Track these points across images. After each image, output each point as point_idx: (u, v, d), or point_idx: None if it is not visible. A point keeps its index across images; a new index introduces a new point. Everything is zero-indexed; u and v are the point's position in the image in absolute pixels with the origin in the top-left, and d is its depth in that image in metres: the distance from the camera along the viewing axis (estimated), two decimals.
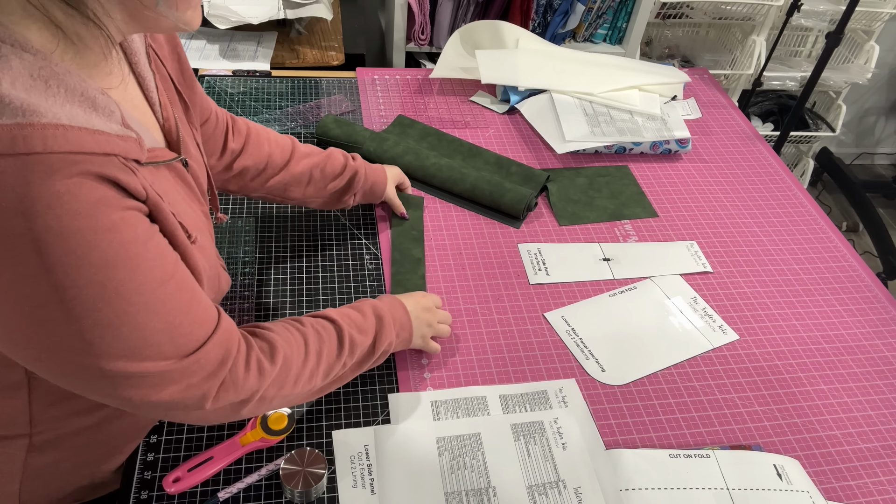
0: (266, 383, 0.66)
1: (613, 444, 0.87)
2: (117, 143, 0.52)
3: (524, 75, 1.44)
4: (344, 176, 1.03)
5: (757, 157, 1.43)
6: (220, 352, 0.62)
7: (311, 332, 0.74)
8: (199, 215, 0.71)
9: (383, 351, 0.82)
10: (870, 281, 1.16)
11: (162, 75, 0.71)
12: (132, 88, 0.65)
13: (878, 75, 2.75)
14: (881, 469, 0.89)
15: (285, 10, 1.63)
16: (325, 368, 0.74)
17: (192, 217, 0.66)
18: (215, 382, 0.62)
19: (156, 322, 0.56)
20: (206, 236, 0.71)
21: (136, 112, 0.63)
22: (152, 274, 0.55)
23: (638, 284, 1.10)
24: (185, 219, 0.63)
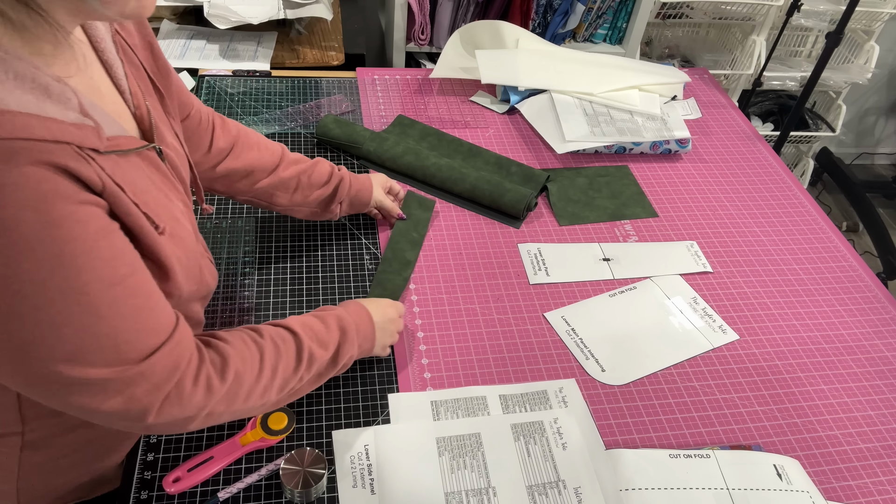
0: (213, 401, 0.64)
1: (613, 444, 0.87)
2: (71, 131, 0.50)
3: (524, 75, 1.44)
4: (330, 184, 1.01)
5: (757, 157, 1.43)
6: (169, 364, 0.59)
7: (268, 344, 0.71)
8: (177, 205, 0.69)
9: (343, 365, 0.80)
10: (870, 281, 1.16)
11: (132, 63, 0.69)
12: (99, 76, 0.63)
13: (878, 75, 2.75)
14: (881, 469, 0.89)
15: (285, 10, 1.63)
16: (280, 383, 0.71)
17: (165, 207, 0.64)
18: (158, 396, 0.59)
19: (100, 326, 0.53)
20: (184, 226, 0.68)
21: (103, 100, 0.62)
22: (100, 274, 0.53)
23: (638, 284, 1.10)
24: (155, 209, 0.61)
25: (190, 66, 1.58)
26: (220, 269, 1.03)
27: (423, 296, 1.03)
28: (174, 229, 0.64)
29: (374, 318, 0.85)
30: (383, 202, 1.11)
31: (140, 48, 0.72)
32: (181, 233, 0.66)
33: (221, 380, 0.64)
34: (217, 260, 1.04)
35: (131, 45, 0.70)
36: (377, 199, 1.09)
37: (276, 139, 1.28)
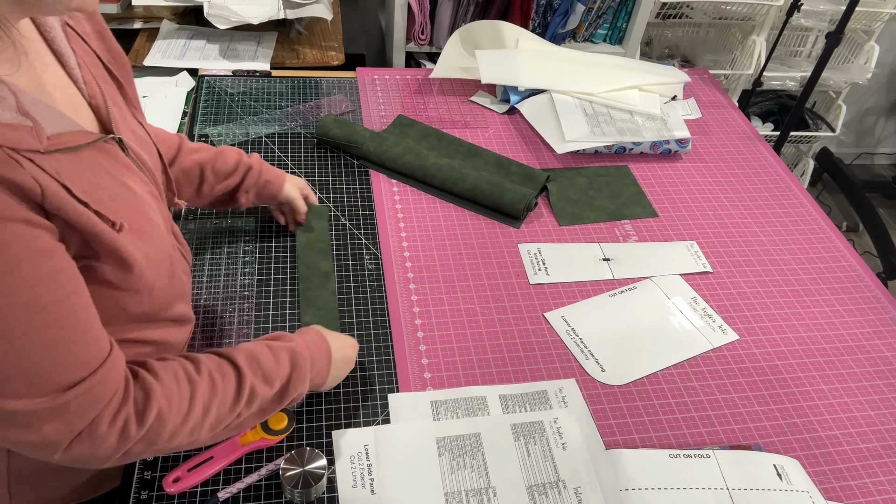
0: (128, 445, 0.60)
1: (613, 444, 0.87)
2: (2, 133, 0.48)
3: (524, 75, 1.44)
4: (237, 173, 0.97)
5: (757, 157, 1.43)
6: (86, 401, 0.55)
7: (203, 381, 0.66)
8: (142, 197, 0.66)
9: (291, 400, 0.75)
10: (870, 281, 1.16)
11: (85, 53, 0.67)
12: (52, 69, 0.62)
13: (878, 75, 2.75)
14: (881, 469, 0.89)
15: (285, 10, 1.63)
16: (212, 422, 0.66)
17: (126, 201, 0.62)
18: (69, 434, 0.55)
19: (10, 356, 0.50)
20: (151, 219, 0.66)
21: (55, 94, 0.60)
22: (17, 300, 0.49)
23: (638, 284, 1.10)
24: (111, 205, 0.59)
25: (190, 66, 1.58)
26: (220, 269, 1.03)
27: (423, 296, 1.03)
28: (137, 223, 0.62)
29: (333, 356, 0.80)
30: (294, 199, 1.05)
31: (92, 37, 0.70)
32: (146, 226, 0.64)
33: (140, 424, 0.60)
34: (217, 260, 1.04)
35: (82, 33, 0.68)
36: (288, 193, 1.04)
37: (277, 139, 1.28)
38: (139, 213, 0.64)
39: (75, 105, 0.63)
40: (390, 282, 1.04)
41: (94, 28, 0.71)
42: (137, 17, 1.67)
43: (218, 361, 0.69)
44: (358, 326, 0.97)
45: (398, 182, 1.23)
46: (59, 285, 0.53)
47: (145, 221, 0.64)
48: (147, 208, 0.66)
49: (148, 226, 0.65)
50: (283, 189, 1.03)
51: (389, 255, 1.09)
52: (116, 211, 0.59)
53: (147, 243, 0.63)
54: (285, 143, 1.28)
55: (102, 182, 0.60)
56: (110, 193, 0.60)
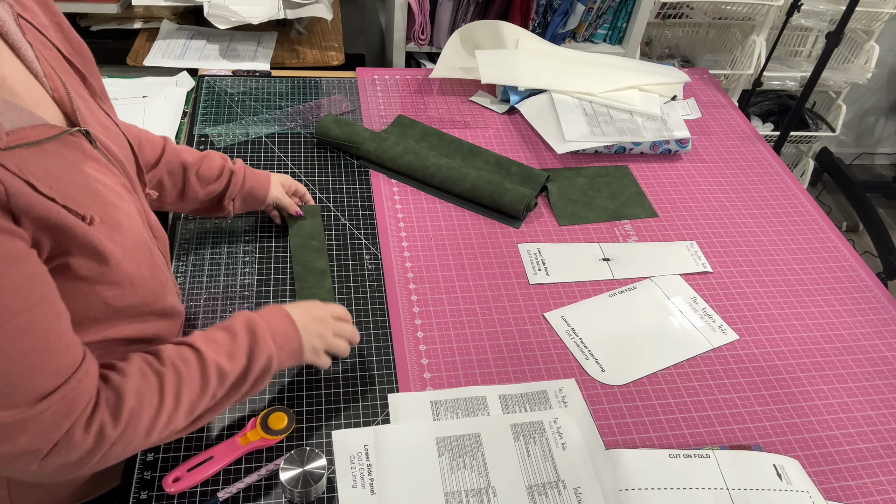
0: (106, 447, 0.59)
1: (613, 444, 0.87)
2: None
3: (524, 75, 1.44)
4: (222, 178, 0.96)
5: (757, 157, 1.43)
6: (61, 410, 0.54)
7: (168, 371, 0.65)
8: (113, 189, 0.65)
9: (263, 368, 0.72)
10: (870, 281, 1.16)
11: (42, 45, 0.65)
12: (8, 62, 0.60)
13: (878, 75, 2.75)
14: (881, 469, 0.89)
15: (285, 10, 1.63)
16: (187, 407, 0.66)
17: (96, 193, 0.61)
18: (46, 444, 0.55)
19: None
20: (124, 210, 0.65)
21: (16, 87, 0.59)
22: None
23: (638, 284, 1.10)
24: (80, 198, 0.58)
25: (190, 66, 1.58)
26: (220, 269, 1.03)
27: (423, 296, 1.03)
28: (109, 215, 0.62)
29: (295, 317, 0.77)
30: (281, 199, 1.04)
31: (49, 29, 0.68)
32: (119, 217, 0.63)
33: (115, 424, 0.59)
34: (217, 260, 1.04)
35: (37, 25, 0.66)
36: (274, 196, 1.03)
37: (277, 139, 1.28)
38: (110, 205, 0.63)
39: (37, 99, 0.61)
40: (390, 282, 1.04)
41: (51, 20, 0.69)
42: (137, 17, 1.67)
43: (177, 349, 0.68)
44: (358, 326, 0.97)
45: (398, 182, 1.23)
46: (29, 293, 0.51)
47: (118, 213, 0.63)
48: (118, 200, 0.65)
49: (121, 217, 0.64)
50: (269, 194, 1.02)
51: (389, 255, 1.09)
52: (86, 204, 0.59)
53: (122, 235, 0.63)
54: (285, 143, 1.28)
55: (69, 175, 0.59)
56: (78, 186, 0.59)
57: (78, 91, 0.68)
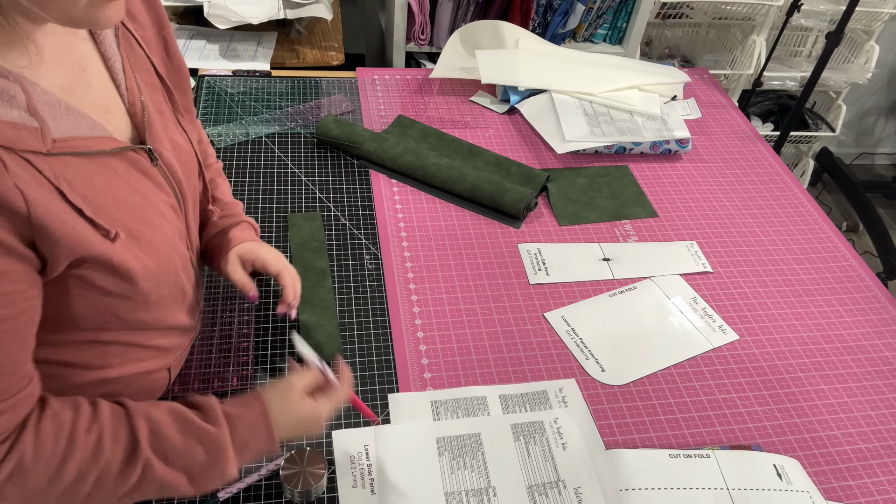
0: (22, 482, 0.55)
1: (613, 444, 0.87)
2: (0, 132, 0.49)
3: (524, 75, 1.44)
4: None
5: (757, 157, 1.43)
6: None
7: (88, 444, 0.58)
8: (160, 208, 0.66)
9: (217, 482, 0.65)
10: (870, 281, 1.16)
11: (138, 57, 0.67)
12: (93, 68, 0.62)
13: (878, 75, 2.75)
14: (881, 469, 0.89)
15: (285, 10, 1.63)
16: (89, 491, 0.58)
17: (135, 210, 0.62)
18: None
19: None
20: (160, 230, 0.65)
21: (91, 94, 0.61)
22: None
23: (638, 284, 1.10)
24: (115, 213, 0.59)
25: (190, 66, 1.57)
26: None
27: (423, 296, 1.03)
28: (142, 233, 0.62)
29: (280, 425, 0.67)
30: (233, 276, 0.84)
31: (151, 41, 0.71)
32: (153, 237, 0.64)
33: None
34: None
35: (141, 37, 0.69)
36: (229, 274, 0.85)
37: (277, 139, 1.28)
38: (147, 224, 0.63)
39: (110, 109, 0.63)
40: (390, 282, 1.04)
41: (157, 33, 0.72)
42: None
43: (116, 424, 0.60)
44: (358, 326, 0.97)
45: (398, 182, 1.23)
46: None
47: (153, 232, 0.64)
48: (159, 220, 0.66)
49: (155, 237, 0.64)
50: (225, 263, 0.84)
51: (389, 255, 1.09)
52: (118, 219, 0.59)
53: (149, 255, 0.63)
54: (285, 143, 1.28)
55: (112, 189, 0.60)
56: (117, 201, 0.60)
57: (159, 106, 0.69)
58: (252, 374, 0.89)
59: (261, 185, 1.18)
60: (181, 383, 0.87)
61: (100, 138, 0.59)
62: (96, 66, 0.63)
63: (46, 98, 0.54)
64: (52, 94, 0.55)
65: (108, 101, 0.63)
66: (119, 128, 0.64)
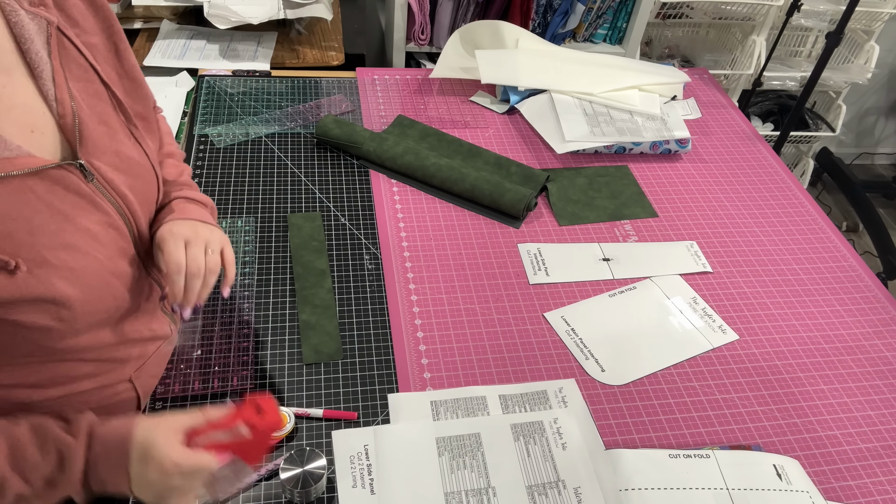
0: None
1: (613, 444, 0.87)
2: None
3: (524, 75, 1.44)
4: None
5: (757, 157, 1.43)
6: None
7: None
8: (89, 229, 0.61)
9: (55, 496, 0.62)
10: (870, 281, 1.16)
11: (77, 66, 0.63)
12: (16, 82, 0.57)
13: (878, 75, 2.75)
14: (881, 469, 0.89)
15: (285, 10, 1.63)
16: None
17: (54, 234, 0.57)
18: None
19: None
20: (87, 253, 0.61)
21: (13, 110, 0.56)
22: None
23: (638, 284, 1.10)
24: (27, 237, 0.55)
25: (190, 66, 1.58)
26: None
27: (423, 296, 1.03)
28: (61, 259, 0.58)
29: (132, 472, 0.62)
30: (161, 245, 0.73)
31: (98, 47, 0.66)
32: (75, 263, 0.59)
33: None
34: None
35: (85, 43, 0.64)
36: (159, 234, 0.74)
37: (277, 139, 1.28)
38: (68, 249, 0.58)
39: (36, 126, 0.58)
40: (390, 282, 1.04)
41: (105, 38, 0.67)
42: (137, 17, 1.67)
43: None
44: (358, 326, 0.97)
45: (398, 182, 1.23)
46: None
47: (76, 258, 0.59)
48: (87, 243, 0.61)
49: (79, 262, 0.59)
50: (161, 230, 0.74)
51: (389, 255, 1.09)
52: (30, 246, 0.55)
53: (69, 283, 0.58)
54: (285, 143, 1.28)
55: (24, 213, 0.55)
56: (30, 227, 0.55)
57: (104, 117, 0.65)
58: (252, 374, 0.89)
59: (261, 185, 1.18)
60: (181, 384, 0.87)
61: (13, 159, 0.54)
62: (21, 80, 0.58)
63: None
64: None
65: (34, 118, 0.58)
66: (47, 145, 0.59)
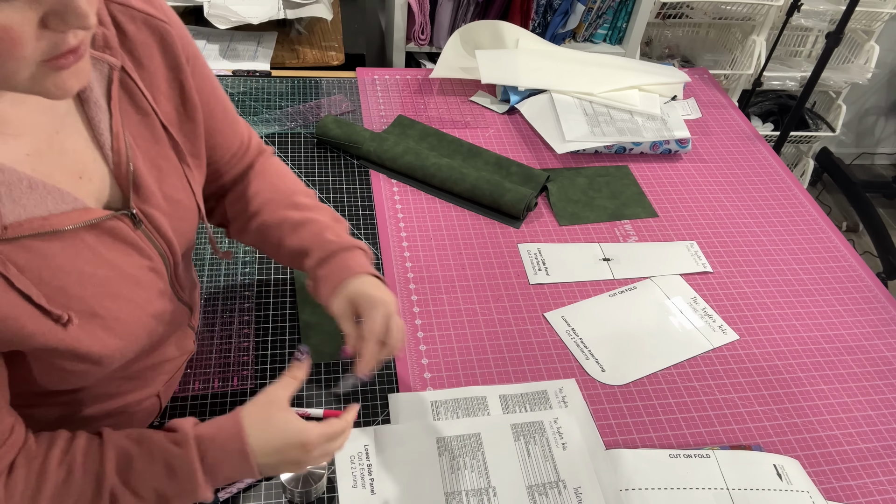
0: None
1: (613, 444, 0.87)
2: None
3: (524, 75, 1.44)
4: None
5: (757, 157, 1.43)
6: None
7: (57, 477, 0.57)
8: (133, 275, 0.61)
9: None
10: (870, 281, 1.16)
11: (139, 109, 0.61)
12: (70, 129, 0.56)
13: (878, 75, 2.75)
14: (881, 469, 0.89)
15: (285, 10, 1.63)
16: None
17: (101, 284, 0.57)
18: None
19: None
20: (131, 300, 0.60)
21: (64, 158, 0.55)
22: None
23: (638, 284, 1.10)
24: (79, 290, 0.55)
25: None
26: (220, 269, 1.03)
27: (423, 296, 1.03)
28: (107, 309, 0.57)
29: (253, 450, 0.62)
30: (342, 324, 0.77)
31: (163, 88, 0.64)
32: (119, 311, 0.59)
33: None
34: (217, 260, 1.04)
35: (146, 86, 0.62)
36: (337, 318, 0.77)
37: (277, 139, 1.28)
38: (114, 297, 0.58)
39: (85, 173, 0.57)
40: (390, 282, 1.04)
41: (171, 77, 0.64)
42: None
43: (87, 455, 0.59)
44: None
45: (398, 182, 1.23)
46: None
47: (120, 306, 0.59)
48: (132, 289, 0.60)
49: (123, 310, 0.59)
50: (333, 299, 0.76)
51: (389, 255, 1.09)
52: (80, 298, 0.55)
53: (112, 332, 0.58)
54: (285, 143, 1.28)
55: (77, 264, 0.55)
56: (81, 278, 0.55)
57: (157, 161, 0.63)
58: (252, 374, 0.89)
59: None
60: (182, 384, 0.87)
61: (69, 213, 0.54)
62: (75, 125, 0.56)
63: (4, 178, 0.49)
64: (13, 171, 0.50)
65: (84, 165, 0.57)
66: (95, 192, 0.58)
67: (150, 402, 0.77)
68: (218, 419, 0.65)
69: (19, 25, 0.41)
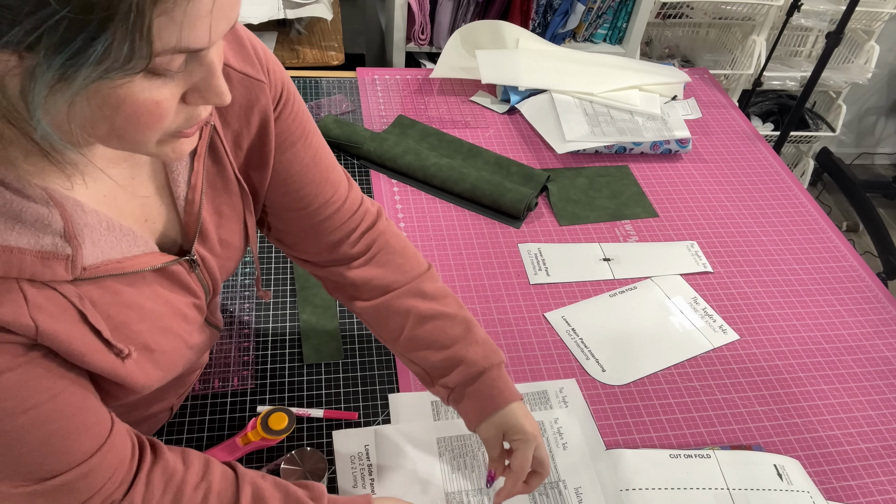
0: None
1: (614, 444, 0.87)
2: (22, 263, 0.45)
3: (524, 75, 1.44)
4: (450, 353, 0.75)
5: (757, 157, 1.43)
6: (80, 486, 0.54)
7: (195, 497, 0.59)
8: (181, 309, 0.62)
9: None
10: (870, 281, 1.16)
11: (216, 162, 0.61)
12: (146, 176, 0.57)
13: (878, 75, 2.74)
14: (881, 469, 0.89)
15: (285, 10, 1.63)
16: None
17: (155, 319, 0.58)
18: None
19: None
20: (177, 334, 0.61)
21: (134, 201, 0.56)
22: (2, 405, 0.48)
23: (638, 284, 1.10)
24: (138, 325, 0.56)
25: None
26: None
27: None
28: (158, 344, 0.59)
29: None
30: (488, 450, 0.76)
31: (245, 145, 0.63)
32: (165, 345, 0.60)
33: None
34: None
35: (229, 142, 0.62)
36: (485, 443, 0.76)
37: None
38: (165, 332, 0.60)
39: (150, 217, 0.58)
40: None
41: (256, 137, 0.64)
42: None
43: (223, 484, 0.61)
44: (358, 326, 0.97)
45: (398, 182, 1.23)
46: (49, 384, 0.50)
47: (167, 340, 0.60)
48: (177, 322, 0.62)
49: (169, 344, 0.61)
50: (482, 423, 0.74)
51: None
52: (138, 332, 0.56)
53: (158, 366, 0.60)
54: None
55: (138, 301, 0.56)
56: (141, 314, 0.57)
57: (221, 207, 0.64)
58: (252, 375, 0.89)
59: None
60: None
61: (139, 256, 0.55)
62: (151, 172, 0.57)
63: (87, 219, 0.50)
64: (94, 213, 0.51)
65: (151, 209, 0.58)
66: (156, 233, 0.59)
67: (163, 414, 0.79)
68: (350, 497, 0.68)
69: (167, 101, 0.43)
